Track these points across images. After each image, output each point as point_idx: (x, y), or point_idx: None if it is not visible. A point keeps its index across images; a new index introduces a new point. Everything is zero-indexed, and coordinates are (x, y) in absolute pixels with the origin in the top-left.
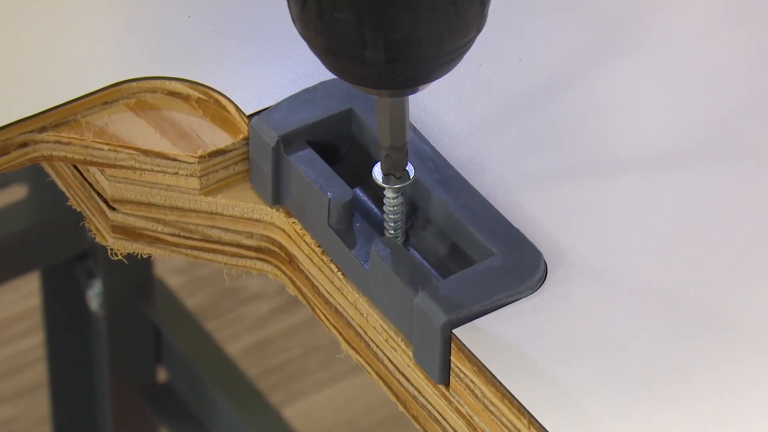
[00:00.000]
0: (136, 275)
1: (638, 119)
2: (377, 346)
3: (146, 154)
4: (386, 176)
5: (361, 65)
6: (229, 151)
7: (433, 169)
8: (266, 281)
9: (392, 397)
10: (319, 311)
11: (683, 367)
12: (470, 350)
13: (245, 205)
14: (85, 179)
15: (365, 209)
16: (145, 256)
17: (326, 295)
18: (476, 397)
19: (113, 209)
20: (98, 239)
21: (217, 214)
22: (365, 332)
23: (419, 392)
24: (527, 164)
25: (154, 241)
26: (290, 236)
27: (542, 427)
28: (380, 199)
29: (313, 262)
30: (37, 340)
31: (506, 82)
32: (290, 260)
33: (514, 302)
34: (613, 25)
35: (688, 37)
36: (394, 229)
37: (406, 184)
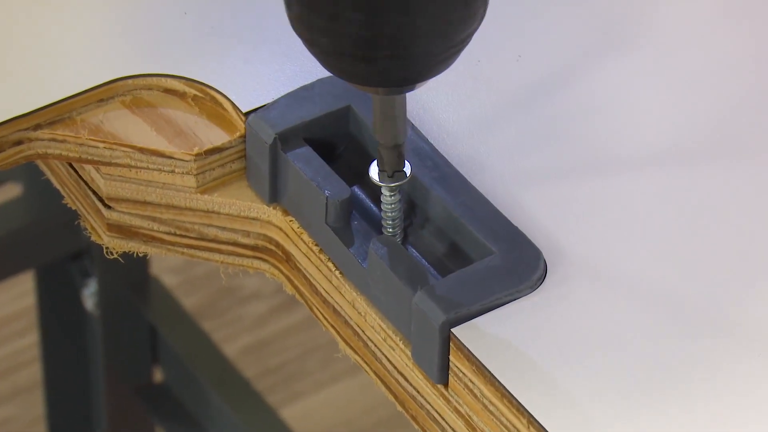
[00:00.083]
0: (131, 274)
1: (638, 117)
2: (375, 345)
3: (142, 151)
4: (383, 174)
5: (357, 63)
6: (225, 148)
7: (431, 167)
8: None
9: (391, 396)
10: (316, 310)
11: (683, 366)
12: (469, 349)
13: (242, 203)
14: (80, 177)
15: (363, 207)
16: (140, 254)
17: (324, 294)
18: (475, 396)
19: (109, 207)
20: (93, 238)
21: (213, 212)
22: (363, 331)
23: (418, 392)
24: (527, 162)
25: (149, 239)
26: (287, 235)
27: (541, 426)
28: (378, 197)
29: (310, 260)
30: (31, 339)
31: (505, 79)
32: (287, 259)
33: (513, 301)
34: (613, 22)
35: (688, 34)
36: (392, 227)
37: (403, 182)
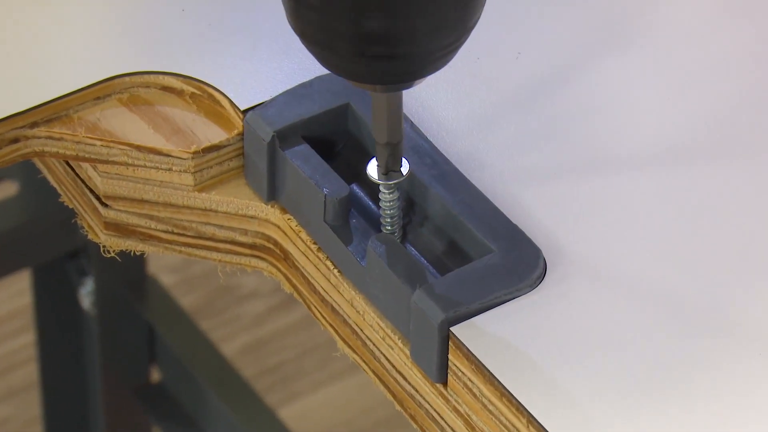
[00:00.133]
0: (129, 273)
1: (638, 115)
2: (374, 344)
3: (139, 149)
4: (381, 173)
5: (355, 60)
6: (223, 146)
7: (430, 164)
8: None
9: (389, 396)
10: (314, 309)
11: (683, 366)
12: (468, 348)
13: (240, 201)
14: (77, 175)
15: (362, 205)
16: (138, 253)
17: (322, 292)
18: (474, 395)
19: (106, 206)
20: (90, 236)
21: (211, 210)
22: (362, 330)
23: (417, 391)
24: (526, 160)
25: (147, 238)
26: (285, 233)
27: (541, 426)
28: (377, 195)
29: (308, 259)
30: (28, 339)
31: (505, 76)
32: (285, 257)
33: (512, 300)
34: (613, 19)
35: (688, 32)
36: (390, 225)
37: (400, 180)
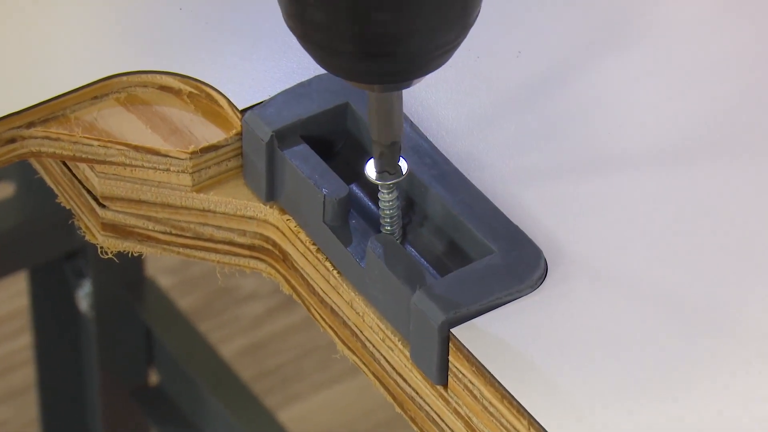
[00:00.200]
0: (127, 275)
1: (639, 114)
2: (374, 345)
3: (137, 149)
4: (379, 173)
5: (352, 60)
6: (221, 146)
7: (430, 164)
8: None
9: (389, 398)
10: (314, 310)
11: (684, 366)
12: (469, 350)
13: (238, 201)
14: (74, 176)
15: (361, 206)
16: (135, 254)
17: (321, 294)
18: (475, 397)
19: (103, 206)
20: (88, 237)
21: (209, 211)
22: (361, 332)
23: (417, 393)
24: (527, 160)
25: (144, 239)
26: (284, 234)
27: (542, 428)
28: (376, 195)
29: (307, 260)
30: (25, 341)
31: (505, 75)
32: (284, 258)
33: (513, 301)
34: (614, 18)
35: (689, 32)
36: (390, 225)
37: (399, 180)
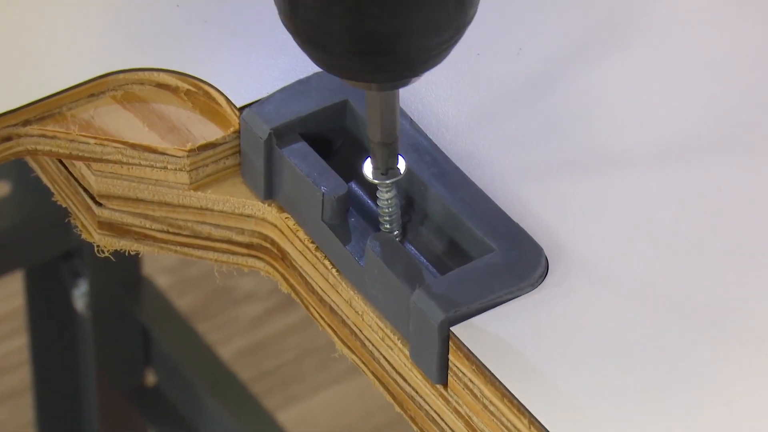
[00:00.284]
0: (123, 275)
1: (640, 112)
2: (373, 345)
3: (134, 147)
4: (377, 171)
5: (348, 58)
6: (219, 144)
7: (430, 162)
8: (259, 281)
9: (389, 397)
10: (313, 309)
11: (686, 365)
12: (469, 349)
13: (236, 200)
14: (70, 174)
15: (360, 204)
16: (132, 253)
17: (320, 292)
18: (475, 396)
19: (100, 205)
20: (84, 236)
21: (207, 209)
22: (361, 331)
23: (416, 392)
24: (527, 157)
25: (142, 237)
26: (283, 232)
27: (543, 427)
28: (375, 193)
29: (306, 258)
30: (20, 342)
31: (506, 72)
32: (283, 257)
33: (514, 299)
34: (614, 16)
35: (690, 30)
36: (389, 223)
37: (397, 179)
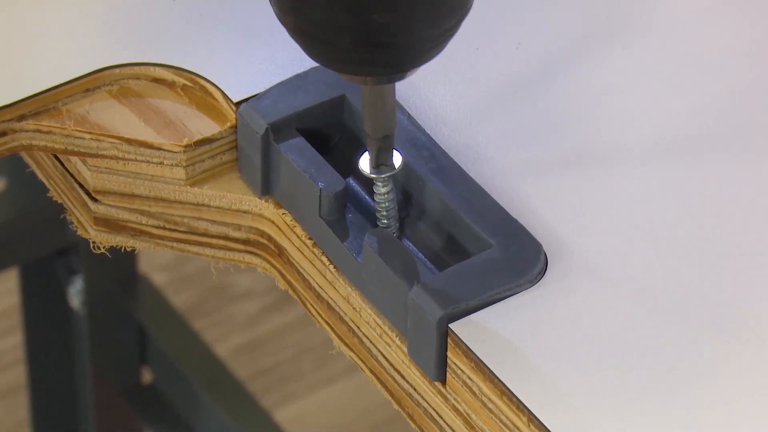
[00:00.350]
0: (119, 272)
1: (640, 107)
2: (371, 341)
3: (130, 143)
4: (373, 166)
5: (343, 52)
6: (216, 139)
7: (428, 157)
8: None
9: (387, 394)
10: (310, 306)
11: (685, 363)
12: (467, 346)
13: (233, 195)
14: (66, 170)
15: (358, 199)
16: (128, 249)
17: (318, 289)
18: (474, 394)
19: (95, 201)
20: (80, 232)
21: (203, 205)
22: (358, 327)
23: (415, 389)
24: (526, 152)
25: (138, 233)
26: (280, 228)
27: (542, 424)
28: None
29: (303, 254)
30: (15, 340)
31: (504, 67)
32: (280, 253)
33: (513, 296)
34: (614, 10)
35: (690, 25)
36: (386, 218)
37: (392, 173)
